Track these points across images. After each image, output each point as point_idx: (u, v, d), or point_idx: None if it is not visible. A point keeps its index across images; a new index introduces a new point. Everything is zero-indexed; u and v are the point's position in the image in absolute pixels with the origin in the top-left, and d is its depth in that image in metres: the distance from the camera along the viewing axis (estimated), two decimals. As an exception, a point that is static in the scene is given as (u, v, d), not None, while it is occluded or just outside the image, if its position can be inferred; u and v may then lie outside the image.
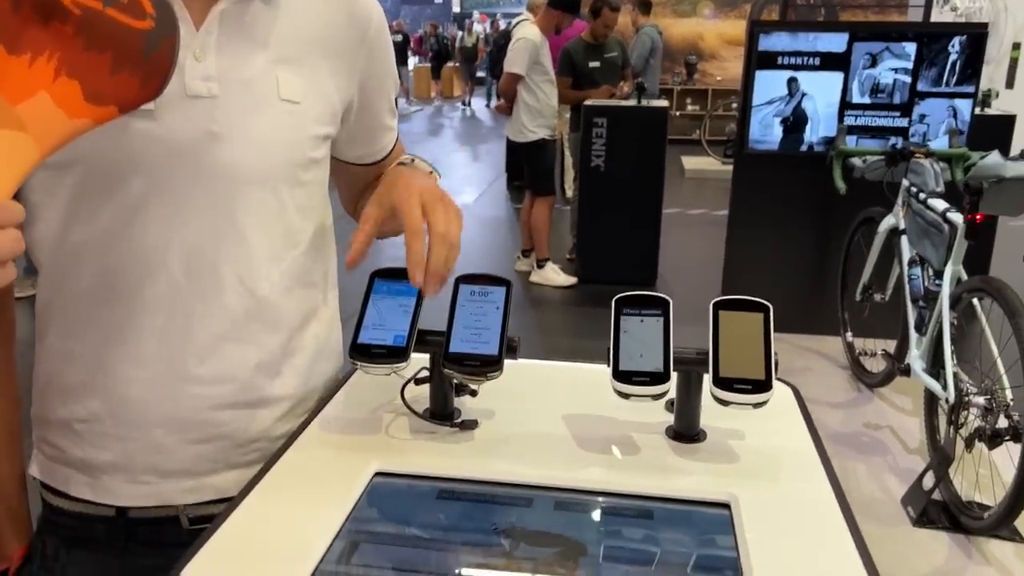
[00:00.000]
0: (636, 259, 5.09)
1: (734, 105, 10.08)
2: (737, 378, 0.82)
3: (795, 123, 3.98)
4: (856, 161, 3.35)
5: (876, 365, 3.50)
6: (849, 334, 3.76)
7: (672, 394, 0.86)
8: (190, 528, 0.93)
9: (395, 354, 0.85)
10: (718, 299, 0.86)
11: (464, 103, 16.34)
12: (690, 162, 9.19)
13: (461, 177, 9.28)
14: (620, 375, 0.83)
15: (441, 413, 0.93)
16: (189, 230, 0.86)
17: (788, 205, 4.15)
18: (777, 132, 4.02)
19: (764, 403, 0.82)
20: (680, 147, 9.14)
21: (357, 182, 1.13)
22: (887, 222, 3.32)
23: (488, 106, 15.48)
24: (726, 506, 0.79)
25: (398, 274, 0.90)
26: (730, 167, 5.21)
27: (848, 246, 3.74)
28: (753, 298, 0.86)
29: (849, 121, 3.90)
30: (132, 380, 0.88)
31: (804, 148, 4.01)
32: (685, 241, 6.02)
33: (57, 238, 0.87)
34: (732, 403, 0.82)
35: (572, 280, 5.17)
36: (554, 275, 5.19)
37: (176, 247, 0.86)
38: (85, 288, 0.88)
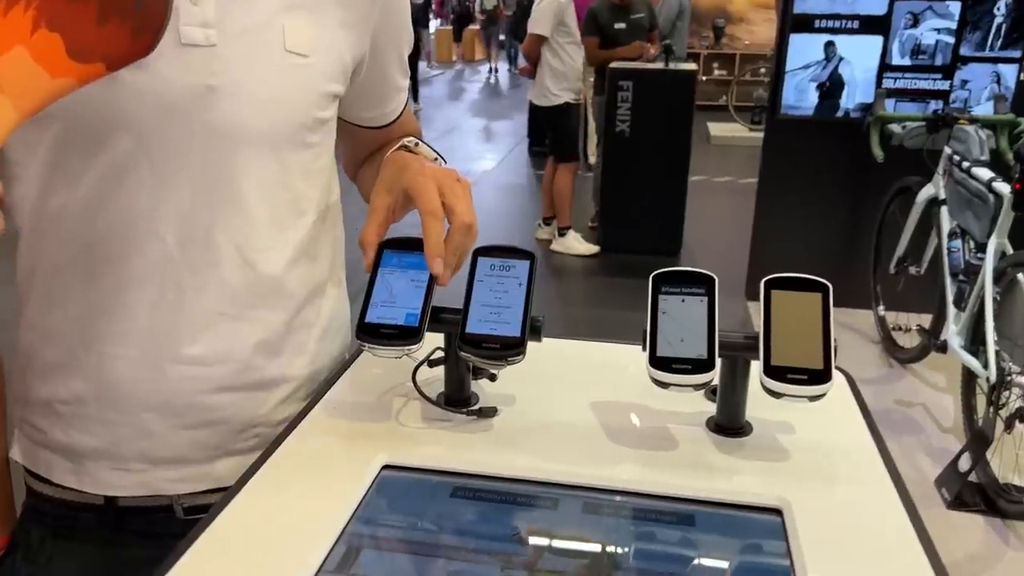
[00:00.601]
0: (661, 228, 4.96)
1: (763, 70, 9.84)
2: (791, 367, 0.72)
3: (831, 88, 3.83)
4: (895, 127, 3.20)
5: (910, 340, 3.39)
6: (881, 308, 3.64)
7: (715, 381, 0.77)
8: (185, 519, 0.86)
9: (406, 335, 0.76)
10: (770, 277, 0.76)
11: (491, 70, 15.83)
12: (716, 128, 8.99)
13: (481, 142, 9.15)
14: (658, 362, 0.74)
15: (457, 399, 0.84)
16: (182, 195, 0.78)
17: (820, 173, 4.01)
18: (812, 98, 3.87)
19: (822, 396, 0.72)
20: (706, 113, 8.93)
21: (363, 146, 1.04)
22: (926, 192, 3.19)
23: (511, 71, 15.21)
24: (777, 512, 0.70)
25: (410, 244, 0.81)
26: (758, 134, 5.05)
27: (883, 216, 3.61)
28: (810, 276, 0.76)
29: (888, 83, 3.74)
30: (118, 359, 0.80)
31: (840, 114, 3.86)
32: (711, 210, 5.87)
33: (37, 200, 0.79)
34: (785, 395, 0.72)
35: (594, 249, 5.06)
36: (576, 244, 5.07)
37: (167, 214, 0.78)
38: (67, 257, 0.79)
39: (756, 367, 0.76)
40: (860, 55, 3.77)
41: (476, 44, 17.37)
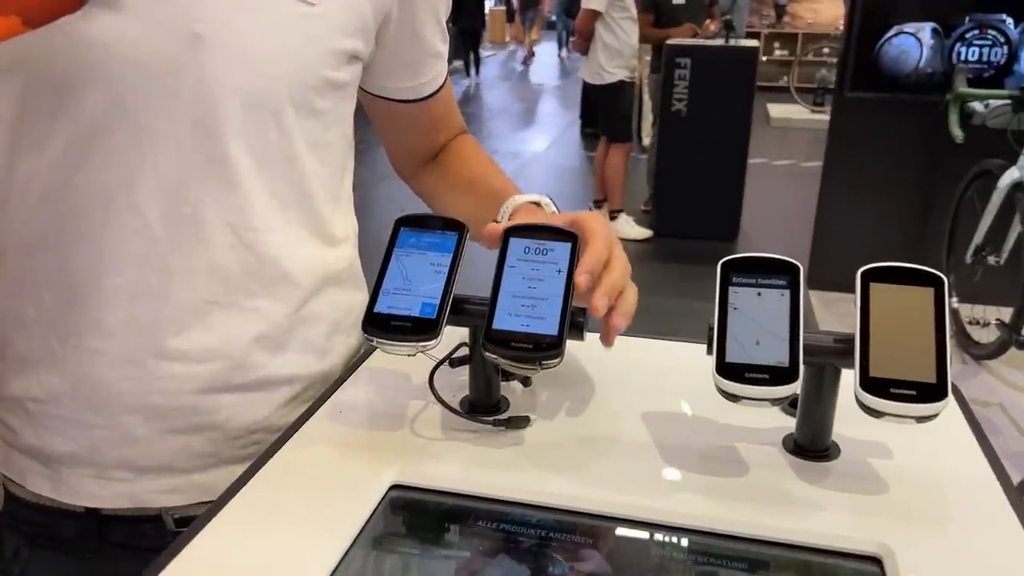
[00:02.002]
0: (717, 212, 4.75)
1: (826, 50, 9.47)
2: (896, 379, 0.58)
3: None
4: (977, 106, 2.97)
5: (987, 335, 3.16)
6: (955, 300, 3.41)
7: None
8: (176, 530, 0.76)
9: (422, 328, 0.64)
10: (870, 266, 0.62)
11: (526, 58, 14.56)
12: (776, 110, 8.67)
13: (533, 123, 8.99)
14: (726, 369, 0.60)
15: (483, 405, 0.71)
16: (165, 164, 0.66)
17: (890, 155, 3.77)
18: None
19: (933, 417, 0.58)
20: (766, 94, 8.62)
21: (407, 129, 0.92)
22: (1010, 175, 2.95)
23: (561, 55, 14.89)
24: (875, 560, 0.56)
25: (430, 223, 0.69)
26: (820, 116, 4.80)
27: (958, 202, 3.38)
28: (919, 267, 0.61)
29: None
30: (95, 353, 0.70)
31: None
32: (771, 194, 5.64)
33: (5, 168, 0.68)
34: (887, 415, 0.58)
35: (647, 233, 4.87)
36: (628, 228, 4.89)
37: (148, 186, 0.67)
38: (39, 235, 0.69)
39: (847, 376, 0.62)
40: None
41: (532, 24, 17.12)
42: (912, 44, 3.46)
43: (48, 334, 0.71)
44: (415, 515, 0.62)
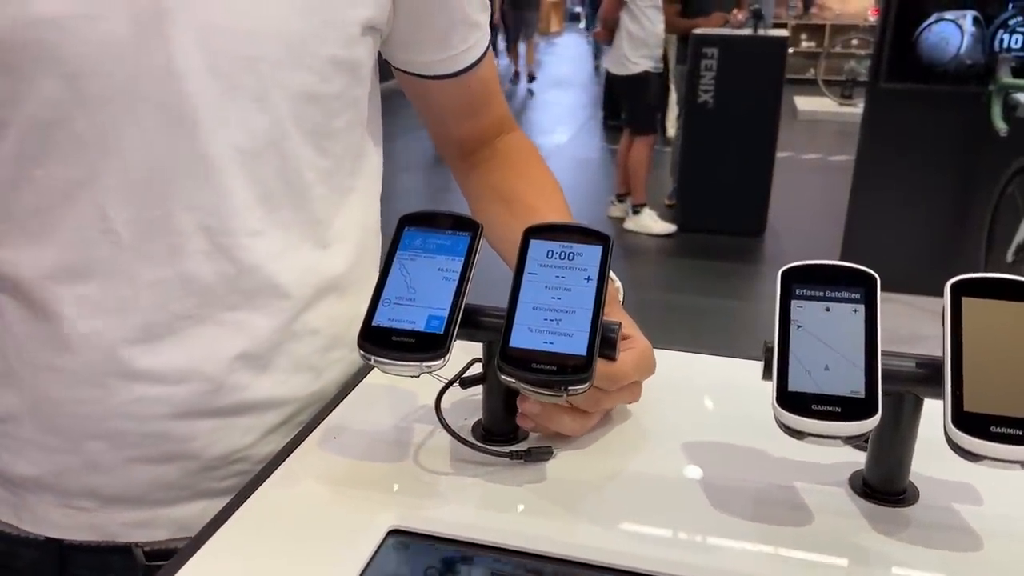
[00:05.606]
0: (744, 207, 4.62)
1: (855, 41, 9.28)
2: (997, 416, 0.48)
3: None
4: (1021, 97, 2.83)
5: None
6: (994, 300, 3.27)
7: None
8: (147, 564, 0.67)
9: (428, 345, 0.54)
10: (961, 278, 0.51)
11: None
12: (804, 103, 8.49)
13: (554, 115, 8.88)
14: (789, 400, 0.50)
15: (498, 432, 0.62)
16: (130, 159, 0.58)
17: (927, 148, 3.63)
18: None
19: (1045, 462, 0.48)
20: (793, 87, 8.44)
21: (440, 111, 0.81)
22: (1056, 170, 2.81)
23: (589, 35, 14.64)
24: (973, 638, 0.46)
25: (439, 221, 0.59)
26: (848, 109, 4.64)
27: (999, 198, 3.23)
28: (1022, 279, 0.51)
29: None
30: (56, 372, 0.62)
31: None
32: (798, 189, 5.49)
33: None
34: (988, 458, 0.48)
35: (671, 228, 4.75)
36: (651, 222, 4.77)
37: (112, 183, 0.58)
38: None
39: (930, 406, 0.52)
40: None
41: (552, 16, 17.00)
42: (952, 31, 3.31)
43: (7, 348, 0.63)
44: (417, 567, 0.53)
